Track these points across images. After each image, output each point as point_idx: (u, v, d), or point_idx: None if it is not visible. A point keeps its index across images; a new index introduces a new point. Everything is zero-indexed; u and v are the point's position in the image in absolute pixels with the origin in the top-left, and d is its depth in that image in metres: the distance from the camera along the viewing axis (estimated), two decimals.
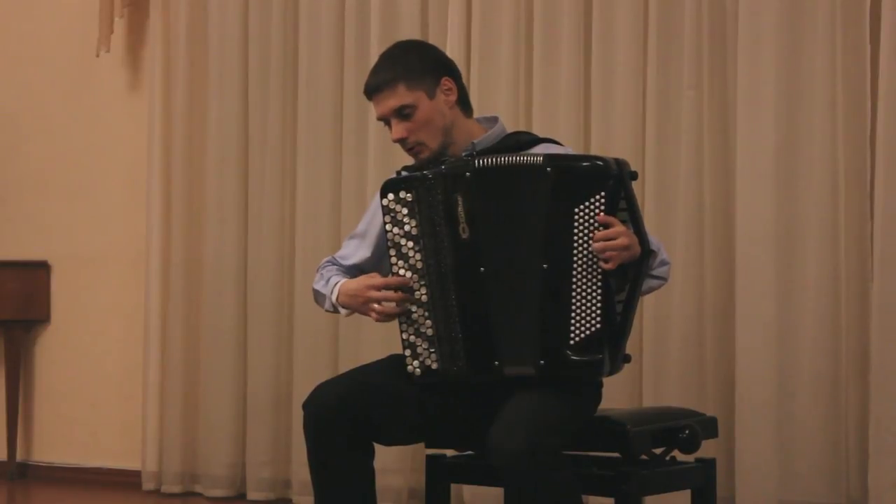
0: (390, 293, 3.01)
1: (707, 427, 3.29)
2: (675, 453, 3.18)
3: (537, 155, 2.96)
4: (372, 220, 3.23)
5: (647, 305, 4.32)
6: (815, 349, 4.09)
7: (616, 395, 4.17)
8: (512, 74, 4.57)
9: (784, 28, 4.15)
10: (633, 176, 2.93)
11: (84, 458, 5.62)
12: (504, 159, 2.96)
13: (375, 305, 3.03)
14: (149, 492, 5.27)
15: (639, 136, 4.39)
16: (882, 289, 3.99)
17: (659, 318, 4.31)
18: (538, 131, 3.57)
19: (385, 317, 3.04)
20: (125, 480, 5.44)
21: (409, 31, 4.68)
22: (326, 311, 3.22)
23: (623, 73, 4.39)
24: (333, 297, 3.14)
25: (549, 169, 2.90)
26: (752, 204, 4.16)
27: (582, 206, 2.86)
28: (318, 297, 3.23)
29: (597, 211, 2.85)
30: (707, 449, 3.32)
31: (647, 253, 2.93)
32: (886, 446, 3.96)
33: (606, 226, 2.85)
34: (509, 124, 3.38)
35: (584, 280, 2.86)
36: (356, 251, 3.25)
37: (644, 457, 3.11)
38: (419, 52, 3.20)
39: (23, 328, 5.68)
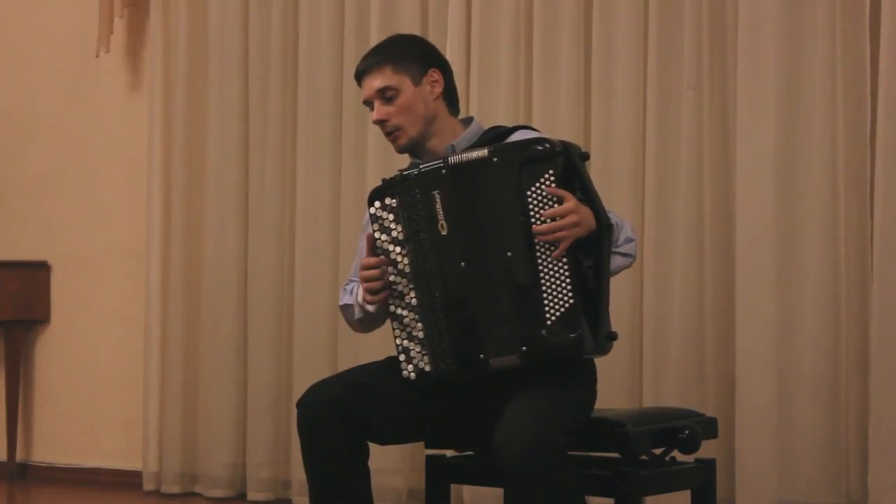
0: (374, 271, 3.02)
1: (707, 427, 3.29)
2: (675, 453, 3.18)
3: (486, 147, 2.98)
4: (364, 234, 3.25)
5: (648, 305, 4.32)
6: (815, 349, 4.09)
7: (616, 395, 4.18)
8: (512, 74, 4.57)
9: (784, 28, 4.14)
10: (584, 156, 2.96)
11: (84, 458, 5.62)
12: (466, 155, 2.98)
13: (366, 288, 3.03)
14: (149, 492, 5.27)
15: (639, 136, 4.38)
16: (882, 289, 3.99)
17: (659, 318, 4.31)
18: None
19: (373, 294, 3.03)
20: (125, 480, 5.45)
21: (408, 31, 4.67)
22: (358, 319, 3.20)
23: (623, 73, 4.39)
24: (359, 298, 3.14)
25: (495, 159, 2.93)
26: (752, 204, 4.16)
27: (533, 188, 2.88)
28: (346, 310, 3.24)
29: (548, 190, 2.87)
30: (707, 449, 3.32)
31: (608, 227, 2.94)
32: (886, 446, 3.95)
33: (560, 201, 2.86)
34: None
35: (550, 260, 2.87)
36: (356, 270, 3.26)
37: (644, 457, 3.11)
38: (411, 42, 3.27)
39: (23, 328, 5.68)
